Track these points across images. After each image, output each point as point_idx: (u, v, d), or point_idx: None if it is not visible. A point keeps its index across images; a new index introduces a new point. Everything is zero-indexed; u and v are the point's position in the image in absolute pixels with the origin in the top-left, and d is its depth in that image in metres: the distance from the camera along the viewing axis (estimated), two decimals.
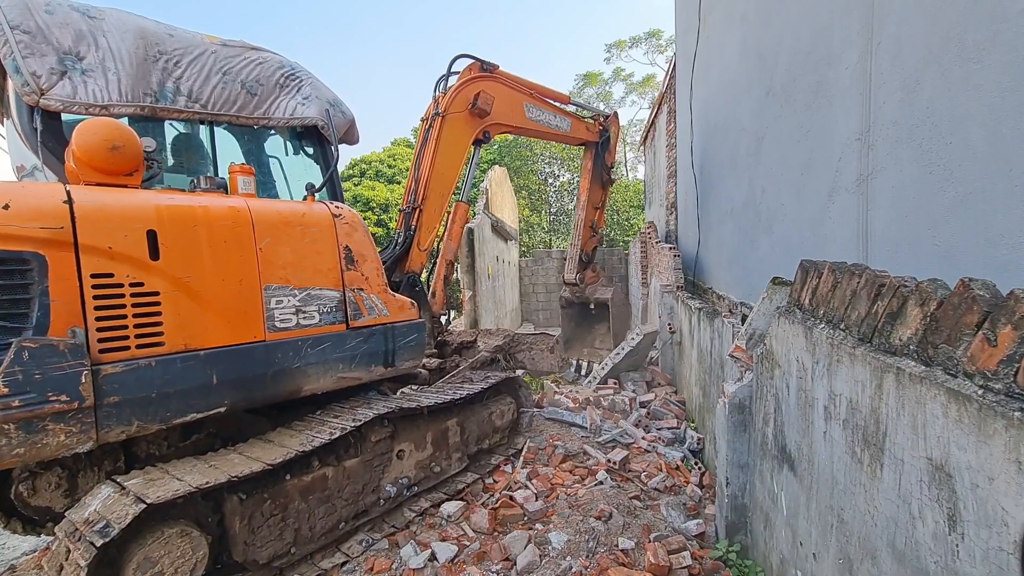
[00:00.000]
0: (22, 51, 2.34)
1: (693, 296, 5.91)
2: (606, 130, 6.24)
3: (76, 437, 2.18)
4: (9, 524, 2.97)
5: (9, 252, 2.06)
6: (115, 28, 2.66)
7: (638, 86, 27.88)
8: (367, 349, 3.26)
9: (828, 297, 1.98)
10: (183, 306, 2.51)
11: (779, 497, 2.30)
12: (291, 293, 2.91)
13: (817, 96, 3.30)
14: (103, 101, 2.55)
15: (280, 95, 3.22)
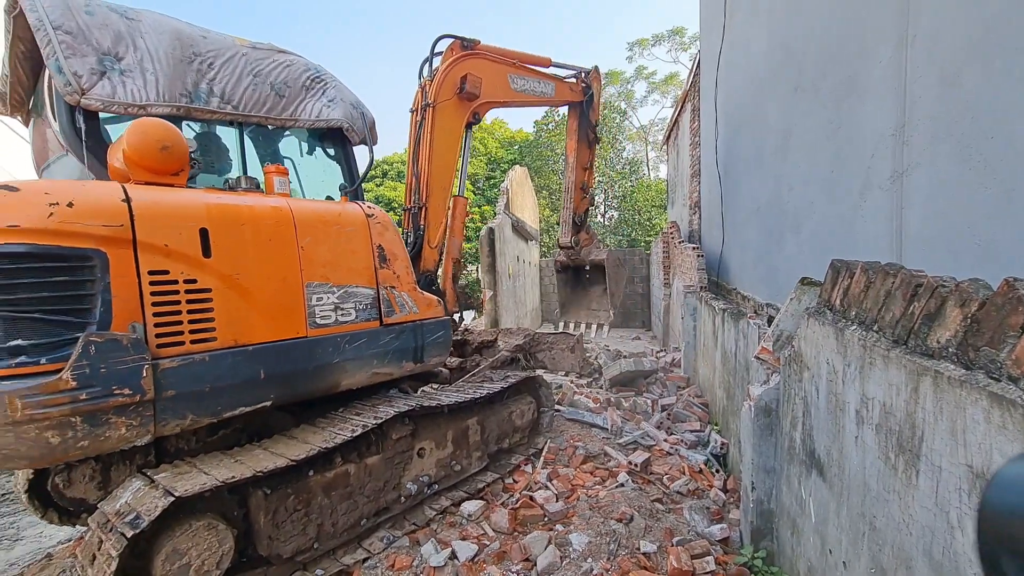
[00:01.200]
0: (64, 51, 2.39)
1: (717, 297, 5.81)
2: (589, 87, 6.03)
3: (136, 430, 2.25)
4: (46, 514, 3.08)
5: (74, 249, 2.13)
6: (152, 29, 2.71)
7: (660, 84, 27.56)
8: (399, 345, 3.34)
9: (860, 298, 1.91)
10: (232, 302, 2.58)
11: (807, 503, 2.23)
12: (330, 290, 2.99)
13: (848, 91, 3.21)
14: (141, 101, 2.60)
15: (306, 97, 3.27)
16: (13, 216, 2.04)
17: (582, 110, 6.01)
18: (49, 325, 2.08)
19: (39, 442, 2.04)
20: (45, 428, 2.03)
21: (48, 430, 2.04)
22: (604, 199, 25.47)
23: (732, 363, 4.10)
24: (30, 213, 2.07)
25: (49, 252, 2.08)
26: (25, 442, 2.01)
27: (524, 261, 14.37)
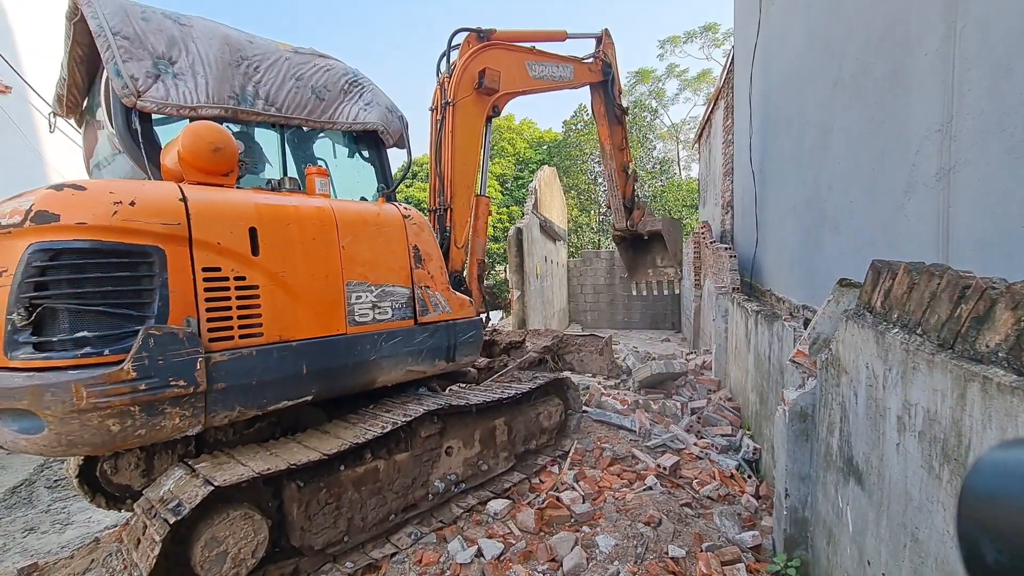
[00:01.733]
0: (122, 56, 2.49)
1: (750, 298, 5.66)
2: (608, 65, 5.74)
3: (188, 420, 2.36)
4: (95, 499, 3.24)
5: (136, 246, 2.24)
6: (203, 35, 2.81)
7: (692, 82, 27.05)
8: (432, 344, 3.41)
9: (903, 300, 1.84)
10: (278, 299, 2.67)
11: (844, 512, 2.16)
12: (368, 289, 3.08)
13: (892, 85, 3.08)
14: (192, 103, 2.69)
15: (344, 100, 3.35)
16: (81, 214, 2.15)
17: (605, 90, 5.77)
18: (111, 318, 2.19)
19: (101, 430, 2.14)
20: (107, 416, 2.14)
21: (109, 418, 2.14)
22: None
23: (765, 366, 3.99)
24: (96, 211, 2.17)
25: (113, 248, 2.19)
26: (88, 429, 2.11)
27: (552, 261, 14.34)
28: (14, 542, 3.86)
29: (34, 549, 3.73)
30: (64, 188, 2.20)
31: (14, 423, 2.12)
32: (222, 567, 2.25)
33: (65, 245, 2.11)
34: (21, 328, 2.07)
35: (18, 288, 2.08)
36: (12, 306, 2.08)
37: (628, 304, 17.38)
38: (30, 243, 2.09)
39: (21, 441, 2.12)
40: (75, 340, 2.11)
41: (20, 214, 2.12)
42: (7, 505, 4.44)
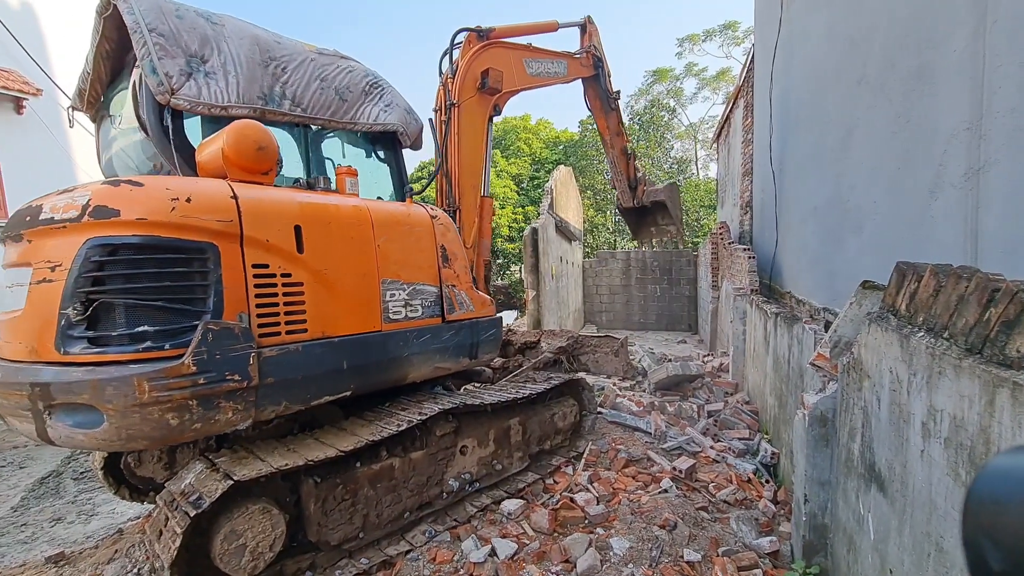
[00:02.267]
0: (158, 53, 2.51)
1: (769, 300, 5.58)
2: (598, 58, 5.70)
3: (240, 415, 2.39)
4: (119, 491, 3.33)
5: (192, 242, 2.28)
6: (234, 34, 2.83)
7: (711, 81, 26.72)
8: (457, 341, 3.47)
9: (929, 303, 1.79)
10: (320, 296, 2.72)
11: (866, 519, 2.11)
12: (401, 287, 3.14)
13: (918, 82, 3.01)
14: (223, 102, 2.71)
15: (365, 102, 3.38)
16: (140, 209, 2.18)
17: (598, 82, 5.76)
18: (169, 313, 2.22)
19: (160, 423, 2.17)
20: (167, 410, 2.17)
21: (169, 412, 2.18)
22: None
23: (785, 369, 3.93)
24: (155, 207, 2.21)
25: (171, 244, 2.23)
26: (148, 423, 2.14)
27: (567, 262, 14.30)
28: (42, 531, 3.98)
29: (61, 538, 3.84)
30: (121, 184, 2.22)
31: (69, 418, 2.13)
32: (241, 560, 2.29)
33: (125, 240, 2.14)
34: (76, 323, 2.08)
35: (75, 283, 2.08)
36: (67, 300, 2.08)
37: (644, 305, 17.25)
38: (88, 238, 2.11)
39: (78, 436, 2.13)
40: (136, 335, 2.15)
41: (76, 209, 2.14)
42: (36, 495, 4.58)
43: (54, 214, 2.19)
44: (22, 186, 8.65)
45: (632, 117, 25.48)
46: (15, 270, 2.35)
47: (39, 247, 2.22)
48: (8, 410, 2.26)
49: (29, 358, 2.19)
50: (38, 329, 2.17)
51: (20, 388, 2.15)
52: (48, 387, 2.10)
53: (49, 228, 2.19)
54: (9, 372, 2.23)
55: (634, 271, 17.28)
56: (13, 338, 2.28)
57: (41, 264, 2.19)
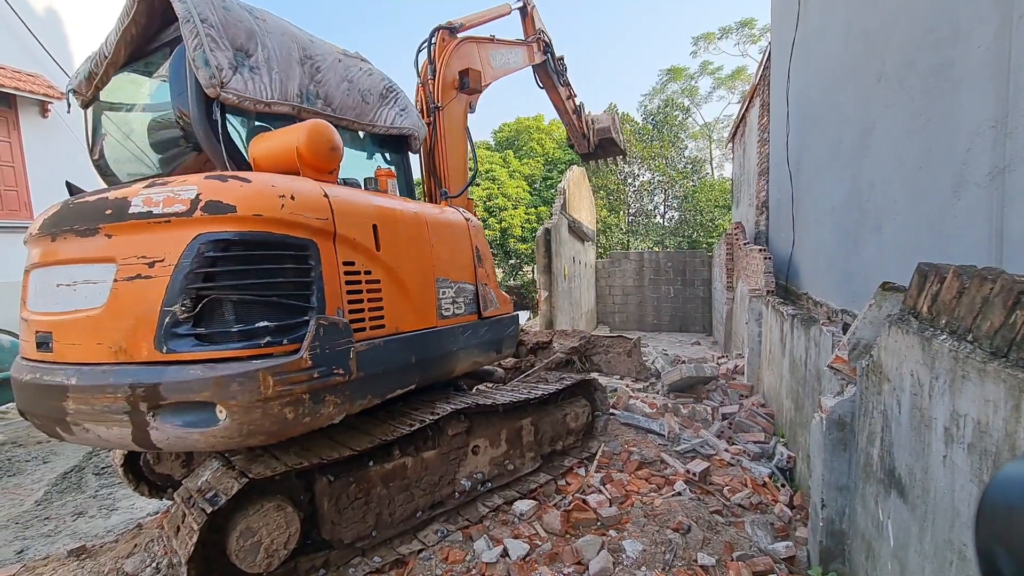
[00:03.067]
0: (209, 44, 2.38)
1: (785, 302, 5.50)
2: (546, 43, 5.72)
3: (339, 408, 2.41)
4: (138, 487, 3.39)
5: (298, 239, 2.30)
6: (275, 30, 2.77)
7: (727, 80, 26.48)
8: (489, 337, 3.60)
9: (952, 305, 1.75)
10: (393, 293, 2.80)
11: (885, 526, 2.07)
12: (450, 285, 3.26)
13: (939, 80, 2.94)
14: (266, 98, 2.64)
15: (382, 105, 3.41)
16: (255, 205, 2.17)
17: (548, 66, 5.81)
18: (283, 309, 2.23)
19: (278, 418, 2.16)
20: (285, 404, 2.16)
21: (287, 406, 2.17)
22: (664, 199, 24.78)
23: (801, 372, 3.87)
24: (267, 204, 2.21)
25: (282, 241, 2.24)
26: (268, 418, 2.13)
27: (580, 262, 14.25)
28: (64, 525, 4.07)
29: (82, 532, 3.93)
30: (228, 179, 2.20)
31: (178, 418, 2.07)
32: (256, 556, 2.31)
33: (240, 236, 2.13)
34: (183, 320, 2.04)
35: (184, 279, 2.04)
36: (174, 297, 2.03)
37: (657, 306, 17.13)
38: (199, 233, 2.07)
39: (192, 436, 2.08)
40: (256, 330, 2.14)
41: (184, 203, 2.10)
42: (59, 490, 4.69)
43: (151, 208, 2.12)
44: (47, 187, 8.87)
45: (646, 117, 25.33)
46: (73, 267, 2.25)
47: (128, 242, 2.14)
48: (90, 416, 2.13)
49: (116, 359, 2.10)
50: (129, 328, 2.09)
51: (114, 391, 2.05)
52: (156, 387, 2.03)
53: (146, 222, 2.11)
54: (92, 375, 2.11)
55: (647, 272, 17.17)
56: (87, 339, 2.17)
57: (132, 259, 2.11)
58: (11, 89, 8.56)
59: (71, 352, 2.22)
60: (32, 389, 2.32)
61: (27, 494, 4.67)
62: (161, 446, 2.12)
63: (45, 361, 2.32)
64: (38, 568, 2.98)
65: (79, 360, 2.19)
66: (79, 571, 2.85)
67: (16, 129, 8.94)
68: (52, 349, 2.29)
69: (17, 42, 8.96)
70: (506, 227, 18.70)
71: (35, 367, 2.34)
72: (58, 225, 2.34)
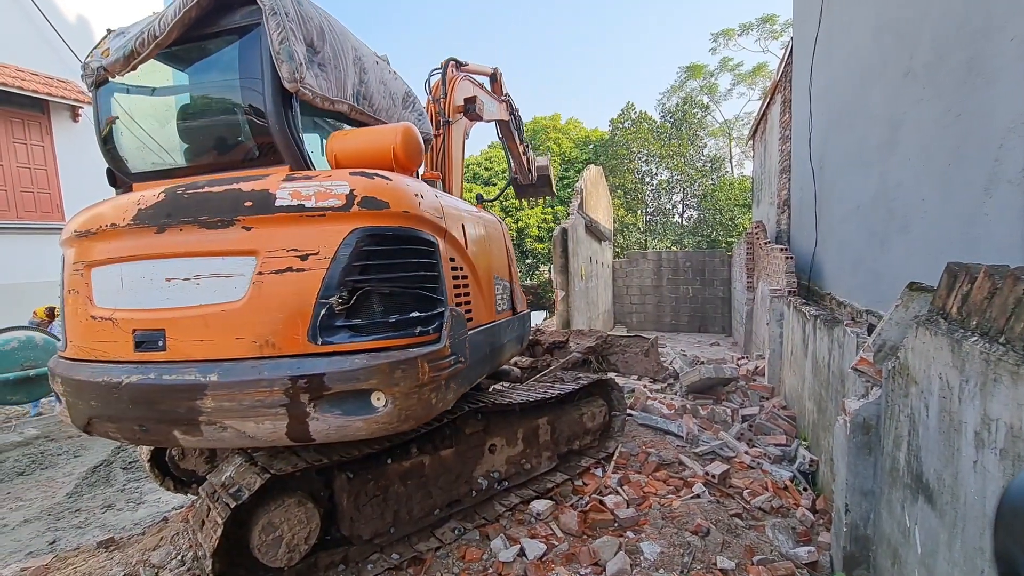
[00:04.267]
0: (292, 37, 2.33)
1: (808, 302, 5.39)
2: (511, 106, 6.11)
3: (454, 394, 2.50)
4: (164, 482, 3.47)
5: (429, 234, 2.43)
6: (336, 28, 2.75)
7: (747, 76, 26.05)
8: (519, 332, 3.84)
9: (983, 306, 1.70)
10: (475, 288, 2.98)
11: (912, 532, 2.02)
12: (499, 283, 3.46)
13: (971, 74, 2.86)
14: (332, 95, 2.61)
15: (405, 109, 3.46)
16: (404, 202, 2.30)
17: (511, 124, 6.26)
18: (424, 300, 2.34)
19: (425, 403, 2.25)
20: (432, 390, 2.27)
21: (434, 392, 2.28)
22: (683, 198, 24.52)
23: (824, 374, 3.79)
24: (410, 201, 2.35)
25: (421, 236, 2.38)
26: (420, 403, 2.23)
27: (597, 262, 14.17)
28: (94, 517, 4.20)
29: (111, 524, 4.05)
30: (376, 177, 2.29)
31: (337, 408, 2.10)
32: (278, 551, 2.36)
33: (393, 231, 2.25)
34: (339, 311, 2.10)
35: (342, 271, 2.10)
36: (332, 289, 2.08)
37: (676, 306, 16.95)
38: (355, 227, 2.15)
39: (355, 423, 2.12)
40: (410, 320, 2.25)
41: (339, 198, 2.16)
42: (88, 483, 4.84)
43: (302, 201, 2.14)
44: (78, 189, 9.15)
45: (664, 114, 25.08)
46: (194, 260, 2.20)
47: (273, 235, 2.14)
48: (235, 413, 2.08)
49: (261, 353, 2.09)
50: (277, 321, 2.09)
51: (271, 384, 2.04)
52: (320, 378, 2.05)
53: (297, 215, 2.14)
54: (240, 371, 2.08)
55: (665, 271, 17.01)
56: (221, 334, 2.12)
57: (280, 252, 2.12)
58: (44, 95, 8.85)
59: (198, 349, 2.14)
60: (137, 392, 2.17)
61: (59, 487, 4.83)
62: (318, 437, 2.13)
63: (154, 361, 2.19)
64: (69, 559, 3.08)
65: (212, 356, 2.13)
66: (108, 562, 2.94)
67: (49, 134, 9.25)
68: (166, 347, 2.18)
69: (48, 48, 9.26)
70: (523, 227, 18.71)
71: (138, 368, 2.20)
72: (172, 215, 2.23)
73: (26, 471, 5.24)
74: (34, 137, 9.06)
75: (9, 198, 8.74)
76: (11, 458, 5.47)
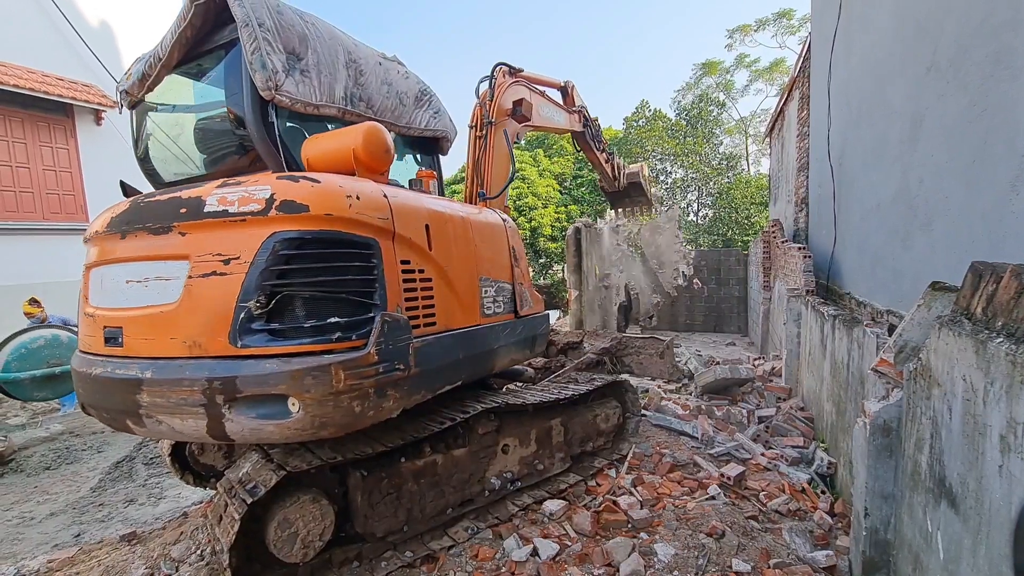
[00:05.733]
0: (265, 48, 2.41)
1: (826, 302, 5.30)
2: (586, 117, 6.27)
3: (398, 403, 2.46)
4: (183, 477, 3.54)
5: (363, 237, 2.36)
6: (323, 34, 2.81)
7: (764, 72, 25.67)
8: (525, 336, 3.68)
9: (1010, 306, 1.65)
10: (443, 291, 2.86)
11: (934, 537, 1.97)
12: (491, 284, 3.33)
13: (996, 68, 2.78)
14: (315, 101, 2.69)
15: (417, 107, 3.47)
16: (326, 205, 2.24)
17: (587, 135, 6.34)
18: (350, 305, 2.30)
19: (348, 411, 2.22)
20: (354, 398, 2.23)
21: (355, 400, 2.23)
22: (698, 196, 24.26)
23: (843, 375, 3.72)
24: (337, 203, 2.28)
25: (350, 239, 2.31)
26: (339, 411, 2.19)
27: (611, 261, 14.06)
28: (117, 511, 4.30)
29: (133, 519, 4.13)
30: (300, 180, 2.29)
31: (252, 411, 2.14)
32: (293, 547, 2.38)
33: (313, 234, 2.20)
34: (257, 316, 2.11)
35: (259, 276, 2.10)
36: (250, 293, 2.10)
37: (691, 306, 16.77)
38: (274, 231, 2.14)
39: (267, 427, 2.15)
40: (327, 325, 2.20)
41: (259, 203, 2.17)
42: (111, 478, 4.95)
43: (226, 207, 2.19)
44: (101, 191, 9.37)
45: (679, 112, 24.84)
46: (144, 264, 2.31)
47: (203, 239, 2.21)
48: (164, 409, 2.20)
49: (191, 353, 2.17)
50: (204, 323, 2.15)
51: (192, 384, 2.12)
52: (233, 381, 2.09)
53: (222, 221, 2.18)
54: (168, 369, 2.18)
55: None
56: (160, 334, 2.23)
57: (207, 257, 2.18)
58: (68, 99, 9.08)
59: (143, 347, 2.28)
60: (100, 383, 2.37)
61: (83, 481, 4.95)
62: (235, 438, 2.17)
63: (115, 356, 2.38)
64: (93, 551, 3.16)
65: (152, 354, 2.25)
66: (130, 555, 3.00)
67: (73, 137, 9.48)
68: (123, 344, 2.34)
69: (72, 53, 9.49)
70: (536, 226, 18.66)
71: (104, 361, 2.40)
72: (130, 223, 2.40)
73: (52, 466, 5.38)
74: (59, 140, 9.29)
75: (35, 200, 8.98)
76: (38, 453, 5.62)
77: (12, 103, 8.45)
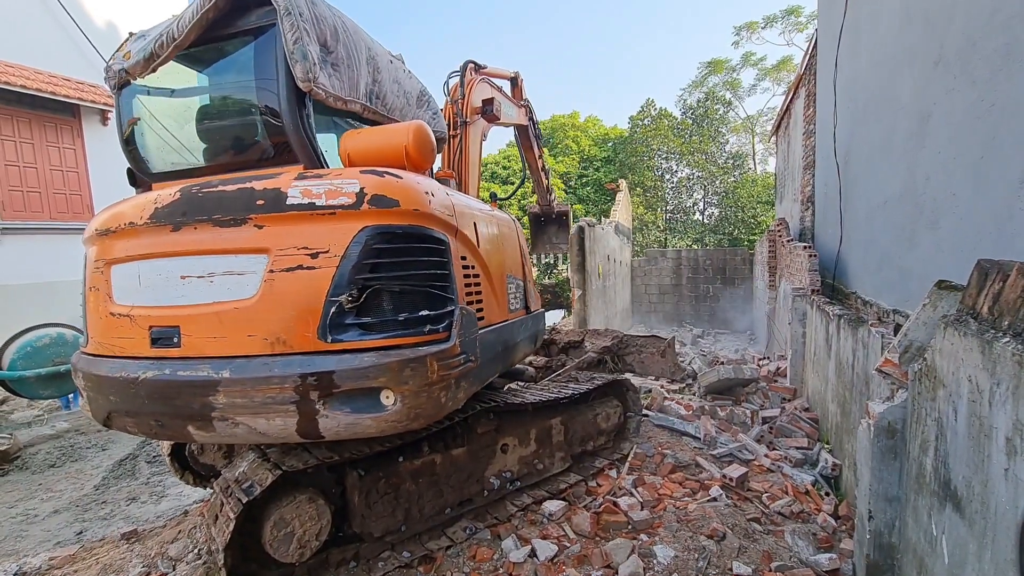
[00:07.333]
0: (305, 38, 2.33)
1: (831, 301, 5.24)
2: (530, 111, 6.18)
3: (465, 393, 2.48)
4: (183, 476, 3.54)
5: (439, 232, 2.41)
6: (349, 28, 2.75)
7: (772, 70, 25.49)
8: (533, 331, 3.77)
9: (1016, 304, 1.61)
10: (487, 287, 2.95)
11: (939, 541, 1.93)
12: (512, 281, 3.41)
13: (1007, 62, 2.72)
14: (345, 95, 2.63)
15: (419, 107, 3.45)
16: (413, 200, 2.28)
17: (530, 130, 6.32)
18: (433, 299, 2.33)
19: (436, 402, 2.24)
20: (442, 389, 2.26)
21: (443, 391, 2.27)
22: (704, 195, 24.14)
23: (848, 375, 3.67)
24: (420, 199, 2.32)
25: (431, 234, 2.36)
26: (431, 402, 2.22)
27: (615, 260, 14.04)
28: (119, 509, 4.32)
29: (135, 516, 4.15)
30: (385, 175, 2.28)
31: (346, 406, 2.11)
32: (289, 546, 2.37)
33: (403, 229, 2.24)
34: (349, 309, 2.10)
35: (352, 269, 2.10)
36: (342, 287, 2.08)
37: (696, 305, 16.70)
38: (365, 225, 2.14)
39: (364, 421, 2.13)
40: (419, 318, 2.24)
41: (349, 196, 2.15)
42: (115, 476, 4.98)
43: (313, 199, 2.14)
44: (107, 191, 9.43)
45: (684, 111, 24.72)
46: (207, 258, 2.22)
47: (285, 232, 2.15)
48: (248, 409, 2.10)
49: (272, 350, 2.11)
50: (288, 319, 2.10)
51: (282, 382, 2.05)
52: (330, 376, 2.05)
53: (307, 214, 2.14)
54: (252, 367, 2.09)
55: (685, 270, 16.79)
56: (234, 331, 2.15)
57: (290, 250, 2.13)
58: (75, 100, 9.14)
59: (211, 346, 2.17)
60: (152, 387, 2.20)
61: (87, 479, 4.98)
62: (328, 435, 2.14)
63: (170, 357, 2.23)
64: (95, 549, 3.17)
65: (224, 353, 2.15)
66: (128, 554, 3.01)
67: (80, 137, 9.54)
68: (180, 344, 2.21)
69: (78, 53, 9.55)
70: None
71: (154, 364, 2.23)
72: (187, 214, 2.26)
73: (57, 463, 5.42)
74: (66, 140, 9.36)
75: (43, 199, 9.04)
76: (43, 450, 5.66)
77: (19, 103, 8.51)
